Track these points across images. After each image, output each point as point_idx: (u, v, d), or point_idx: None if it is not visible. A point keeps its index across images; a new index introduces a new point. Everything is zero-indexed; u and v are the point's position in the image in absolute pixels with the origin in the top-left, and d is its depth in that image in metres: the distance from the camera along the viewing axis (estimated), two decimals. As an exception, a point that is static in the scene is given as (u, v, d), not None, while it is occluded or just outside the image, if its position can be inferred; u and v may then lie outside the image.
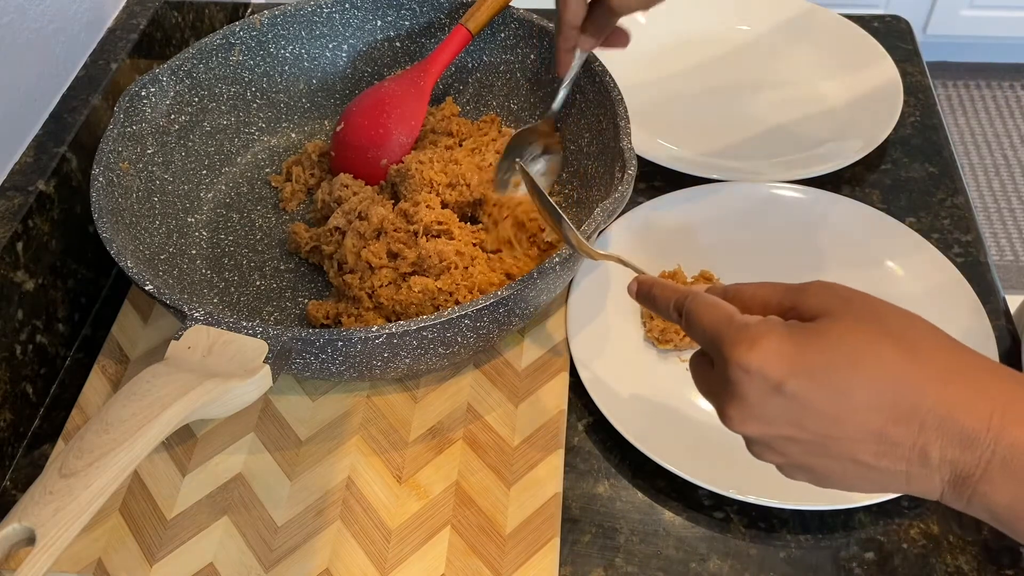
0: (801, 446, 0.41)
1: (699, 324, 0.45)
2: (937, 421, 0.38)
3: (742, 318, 0.43)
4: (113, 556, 0.59)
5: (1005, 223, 2.02)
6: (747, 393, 0.41)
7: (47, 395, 0.70)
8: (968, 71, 2.35)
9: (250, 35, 0.81)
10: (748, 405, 0.41)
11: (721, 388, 0.42)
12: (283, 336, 0.54)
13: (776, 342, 0.40)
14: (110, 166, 0.69)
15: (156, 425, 0.45)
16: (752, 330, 0.41)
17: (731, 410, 0.42)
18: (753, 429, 0.42)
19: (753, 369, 0.40)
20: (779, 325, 0.41)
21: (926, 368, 0.39)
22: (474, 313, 0.58)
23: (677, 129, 0.88)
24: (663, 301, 0.49)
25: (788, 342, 0.40)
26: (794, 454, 0.42)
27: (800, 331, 0.41)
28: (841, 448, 0.40)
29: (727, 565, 0.59)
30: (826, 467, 0.42)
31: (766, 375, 0.40)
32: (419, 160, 0.74)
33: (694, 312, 0.45)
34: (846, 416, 0.39)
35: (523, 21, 0.80)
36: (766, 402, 0.41)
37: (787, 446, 0.42)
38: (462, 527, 0.60)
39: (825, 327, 0.41)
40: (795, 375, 0.40)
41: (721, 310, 0.44)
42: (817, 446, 0.41)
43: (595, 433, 0.66)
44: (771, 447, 0.43)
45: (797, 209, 0.77)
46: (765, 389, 0.40)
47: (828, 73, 0.93)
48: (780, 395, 0.40)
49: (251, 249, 0.76)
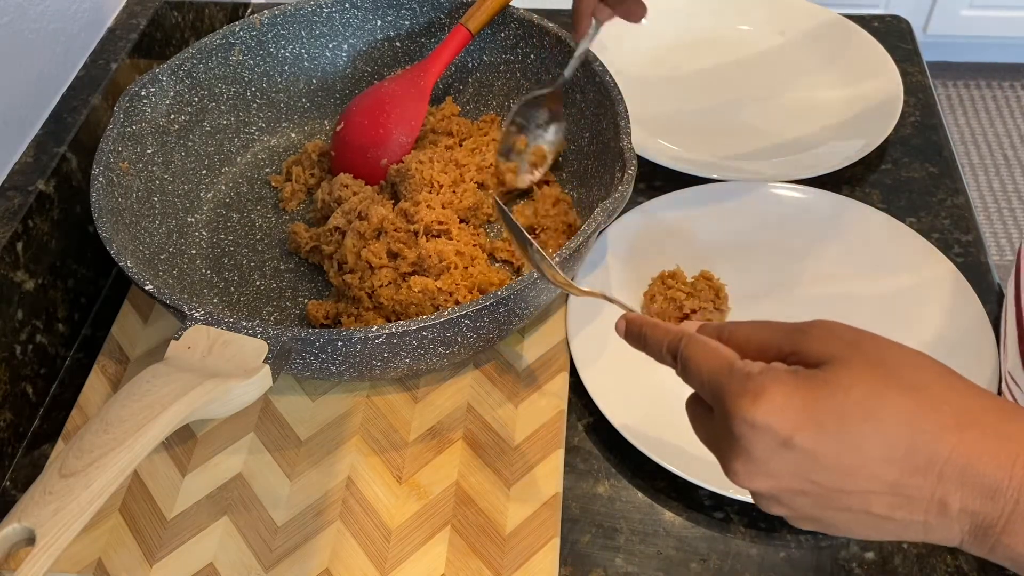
0: (811, 499, 0.40)
1: (697, 372, 0.42)
2: (956, 471, 0.37)
3: (743, 366, 0.40)
4: (113, 556, 0.59)
5: (1005, 223, 2.02)
6: (754, 448, 0.39)
7: (47, 395, 0.70)
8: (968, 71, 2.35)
9: (250, 35, 0.81)
10: (755, 460, 0.39)
11: (725, 442, 0.40)
12: (283, 336, 0.54)
13: (783, 394, 0.38)
14: (110, 166, 0.69)
15: (156, 425, 0.45)
16: (756, 381, 0.39)
17: (736, 465, 0.40)
18: (760, 484, 0.40)
19: (759, 424, 0.38)
20: (784, 374, 0.39)
21: (940, 415, 0.37)
22: (474, 313, 0.58)
23: (677, 129, 0.88)
24: (655, 343, 0.46)
25: (795, 393, 0.38)
26: (804, 507, 0.40)
27: (806, 380, 0.39)
28: (854, 500, 0.39)
29: (727, 565, 0.59)
30: (838, 518, 0.40)
31: (773, 430, 0.38)
32: (419, 160, 0.74)
33: (691, 358, 0.43)
34: (859, 469, 0.38)
35: (523, 21, 0.80)
36: (774, 457, 0.39)
37: (796, 499, 0.40)
38: (462, 527, 0.60)
39: (832, 375, 0.39)
40: (804, 429, 0.38)
41: (720, 357, 0.42)
42: (828, 499, 0.39)
43: (595, 433, 0.66)
44: (779, 501, 0.41)
45: (797, 209, 0.77)
46: (773, 444, 0.38)
47: (828, 73, 0.93)
48: (789, 449, 0.38)
49: (251, 249, 0.76)
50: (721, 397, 0.40)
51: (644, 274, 0.73)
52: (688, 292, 0.70)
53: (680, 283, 0.71)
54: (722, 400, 0.40)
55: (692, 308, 0.69)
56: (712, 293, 0.70)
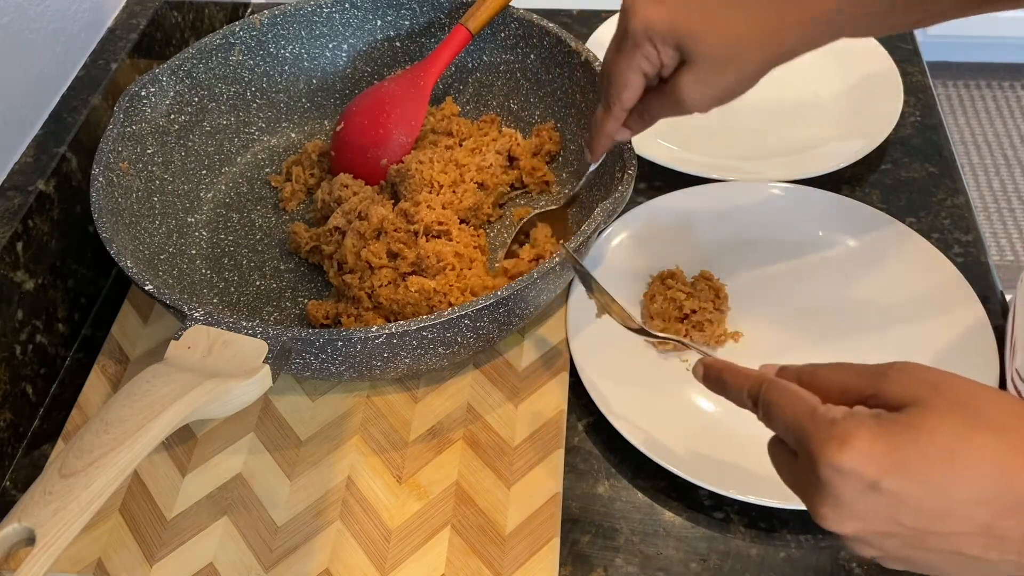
0: (901, 540, 0.40)
1: (780, 417, 0.43)
2: None
3: (827, 411, 0.41)
4: (113, 556, 0.59)
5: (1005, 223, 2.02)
6: (841, 493, 0.39)
7: (47, 395, 0.70)
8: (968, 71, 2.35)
9: (250, 35, 0.81)
10: (843, 505, 0.39)
11: (812, 487, 0.41)
12: (283, 336, 0.54)
13: (868, 439, 0.39)
14: (110, 166, 0.69)
15: (156, 425, 0.45)
16: (840, 426, 0.39)
17: (824, 510, 0.40)
18: (849, 528, 0.40)
19: (846, 469, 0.38)
20: (867, 418, 0.40)
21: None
22: (474, 313, 0.58)
23: (677, 129, 0.87)
24: (735, 388, 0.46)
25: (880, 438, 0.39)
26: (893, 548, 0.41)
27: (890, 424, 0.39)
28: (944, 543, 0.39)
29: (727, 565, 0.59)
30: (929, 559, 0.41)
31: (861, 475, 0.38)
32: (419, 160, 0.74)
33: (774, 404, 0.43)
34: (949, 512, 0.38)
35: (523, 21, 0.80)
36: (862, 501, 0.39)
37: (886, 541, 0.40)
38: (462, 527, 0.60)
39: (917, 419, 0.39)
40: (891, 473, 0.38)
41: (803, 402, 0.42)
42: (918, 540, 0.40)
43: (595, 433, 0.66)
44: (869, 543, 0.41)
45: (797, 209, 0.77)
46: (860, 488, 0.39)
47: (828, 73, 0.93)
48: (877, 493, 0.38)
49: (251, 249, 0.76)
50: (806, 443, 0.40)
51: (644, 274, 0.73)
52: (688, 292, 0.70)
53: (680, 283, 0.71)
54: (807, 446, 0.40)
55: (692, 308, 0.69)
56: (712, 293, 0.70)
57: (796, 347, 0.69)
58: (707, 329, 0.68)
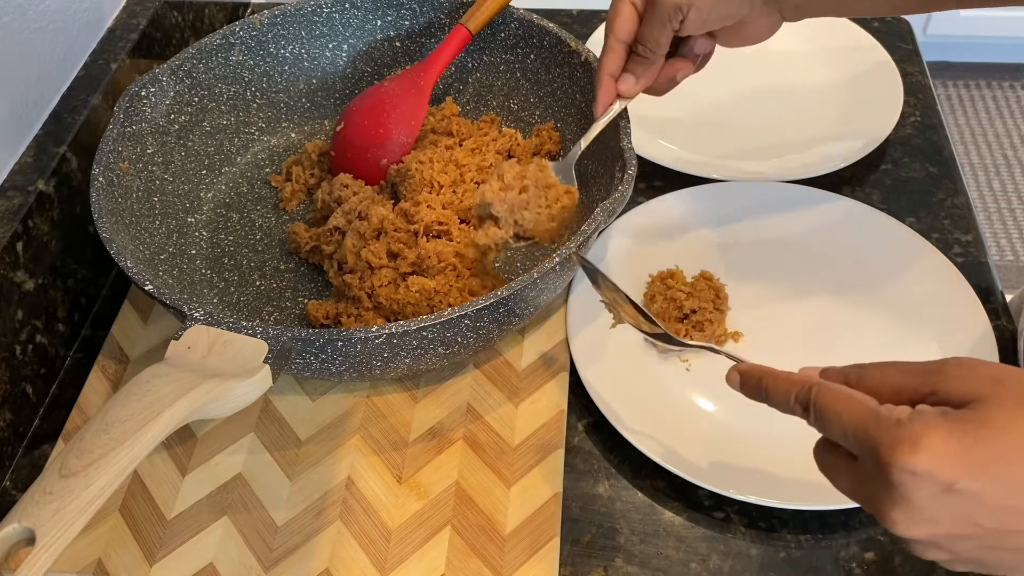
0: (975, 542, 0.39)
1: (837, 422, 0.41)
2: None
3: (890, 413, 0.40)
4: (113, 556, 0.59)
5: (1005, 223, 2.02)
6: (915, 497, 0.38)
7: (47, 395, 0.70)
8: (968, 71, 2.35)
9: (250, 35, 0.81)
10: (916, 508, 0.39)
11: (881, 491, 0.40)
12: (283, 336, 0.54)
13: (941, 439, 0.38)
14: (110, 166, 0.69)
15: (156, 425, 0.45)
16: (909, 428, 0.38)
17: (895, 515, 0.39)
18: (921, 532, 0.40)
19: (921, 471, 0.38)
20: (936, 418, 0.39)
21: None
22: (474, 313, 0.58)
23: (677, 129, 0.88)
24: (780, 394, 0.45)
25: (951, 437, 0.38)
26: (965, 551, 0.40)
27: (960, 423, 0.38)
28: (1019, 540, 0.39)
29: (727, 565, 0.59)
30: (1001, 560, 0.40)
31: (935, 476, 0.38)
32: (419, 160, 0.74)
33: (827, 408, 0.42)
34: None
35: (523, 21, 0.80)
36: (937, 504, 0.38)
37: (958, 544, 0.40)
38: (462, 527, 0.60)
39: (987, 415, 0.38)
40: (968, 474, 0.37)
41: (861, 404, 0.41)
42: (995, 540, 0.39)
43: (595, 433, 0.66)
44: (940, 546, 0.40)
45: (797, 209, 0.77)
46: (935, 491, 0.38)
47: (828, 73, 0.93)
48: (953, 495, 0.38)
49: (251, 249, 0.76)
50: (873, 447, 0.39)
51: (644, 274, 0.73)
52: (688, 292, 0.70)
53: (680, 283, 0.71)
54: (875, 450, 0.39)
55: (692, 308, 0.69)
56: (712, 293, 0.70)
57: (796, 347, 0.69)
58: (707, 329, 0.68)
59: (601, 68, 0.65)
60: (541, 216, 0.65)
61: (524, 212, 0.65)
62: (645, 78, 0.65)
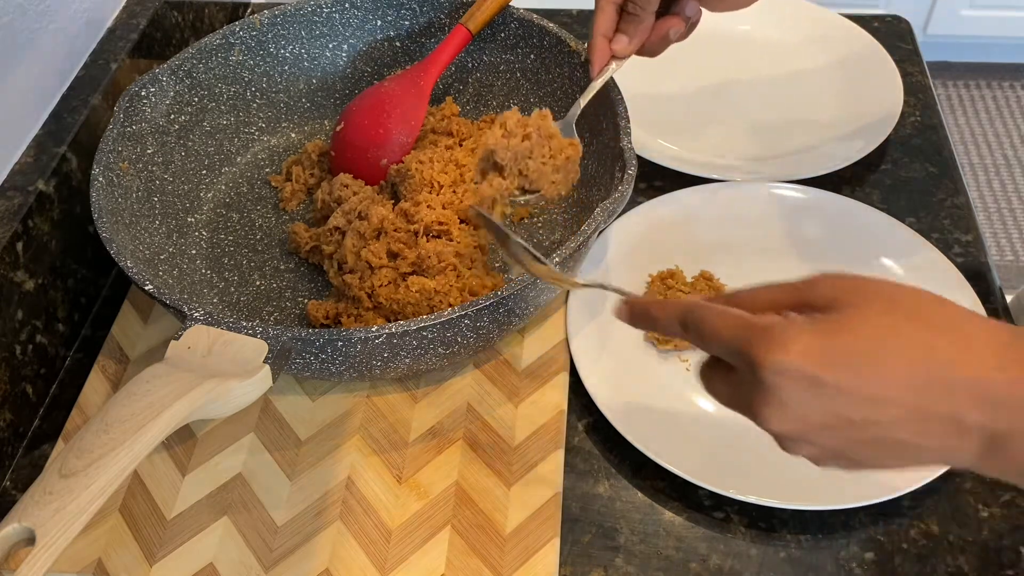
0: (840, 433, 0.42)
1: (715, 334, 0.44)
2: (969, 390, 0.39)
3: (761, 320, 0.42)
4: (113, 556, 0.59)
5: (1005, 223, 2.02)
6: (785, 393, 0.41)
7: (47, 395, 0.70)
8: (968, 71, 2.35)
9: (250, 35, 0.81)
10: (786, 404, 0.41)
11: (753, 393, 0.42)
12: (283, 336, 0.54)
13: (806, 338, 0.41)
14: (110, 166, 0.69)
15: (156, 425, 0.45)
16: (778, 330, 0.41)
17: (768, 412, 0.42)
18: (791, 427, 0.42)
19: (788, 368, 0.40)
20: (802, 321, 0.42)
21: (950, 341, 0.40)
22: (474, 313, 0.58)
23: (677, 129, 0.88)
24: (664, 319, 0.47)
25: (816, 336, 0.41)
26: (830, 443, 0.42)
27: (825, 323, 0.41)
28: (881, 431, 0.41)
29: (727, 565, 0.59)
30: (862, 451, 0.42)
31: (803, 372, 0.40)
32: (419, 160, 0.74)
33: (705, 322, 0.44)
34: (885, 398, 0.40)
35: (523, 21, 0.80)
36: (804, 397, 0.41)
37: (824, 437, 0.42)
38: (462, 527, 0.60)
39: (847, 317, 0.41)
40: (832, 367, 0.40)
41: (736, 316, 0.43)
42: (854, 432, 0.41)
43: (595, 433, 0.66)
44: (807, 440, 0.43)
45: (797, 209, 0.77)
46: (803, 386, 0.40)
47: (828, 73, 0.93)
48: (819, 388, 0.40)
49: (251, 249, 0.76)
50: (746, 351, 0.42)
51: (644, 274, 0.73)
52: (688, 292, 0.70)
53: (680, 283, 0.71)
54: (747, 353, 0.42)
55: (692, 308, 0.69)
56: (712, 293, 0.70)
57: (796, 347, 0.69)
58: (707, 329, 0.68)
59: (594, 29, 0.68)
60: (546, 167, 0.65)
61: (528, 161, 0.65)
62: (638, 37, 0.67)
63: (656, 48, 0.69)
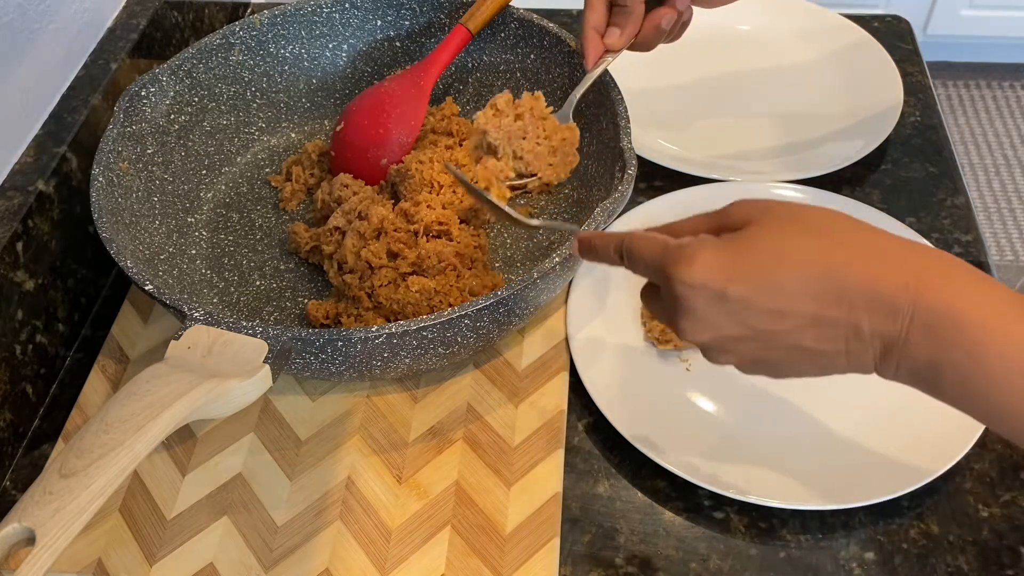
0: (751, 343, 0.45)
1: (641, 257, 0.48)
2: (863, 298, 0.43)
3: (677, 241, 0.46)
4: (113, 556, 0.59)
5: (1005, 223, 2.02)
6: (694, 305, 0.45)
7: (47, 395, 0.70)
8: (968, 71, 2.35)
9: (250, 35, 0.81)
10: (697, 316, 0.45)
11: (672, 307, 0.46)
12: (283, 336, 0.54)
13: (711, 254, 0.44)
14: (110, 166, 0.69)
15: (156, 425, 0.45)
16: (688, 249, 0.45)
17: (683, 323, 0.46)
18: (705, 336, 0.46)
19: (696, 282, 0.44)
20: (709, 240, 0.46)
21: (845, 251, 0.44)
22: (474, 313, 0.58)
23: (677, 129, 0.88)
24: (604, 249, 0.51)
25: (722, 252, 0.45)
26: (746, 352, 0.46)
27: (729, 240, 0.45)
28: (786, 339, 0.44)
29: (727, 565, 0.59)
30: (776, 358, 0.46)
31: (708, 285, 0.44)
32: (419, 160, 0.74)
33: (634, 249, 0.49)
34: (785, 308, 0.44)
35: (523, 21, 0.80)
36: (713, 309, 0.45)
37: (738, 345, 0.46)
38: (462, 527, 0.60)
39: (750, 232, 0.45)
40: (733, 280, 0.44)
41: (657, 240, 0.47)
42: (764, 340, 0.45)
43: (595, 433, 0.66)
44: (725, 349, 0.47)
45: (797, 209, 0.77)
46: (710, 298, 0.44)
47: (828, 73, 0.93)
48: (724, 300, 0.44)
49: (251, 249, 0.76)
50: (662, 268, 0.46)
51: (644, 274, 0.73)
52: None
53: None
54: (663, 271, 0.46)
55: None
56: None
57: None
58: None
59: (585, 23, 0.69)
60: (541, 148, 0.65)
61: (522, 142, 0.65)
62: (629, 29, 0.69)
63: (650, 41, 0.70)
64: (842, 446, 0.62)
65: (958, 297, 0.42)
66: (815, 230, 0.45)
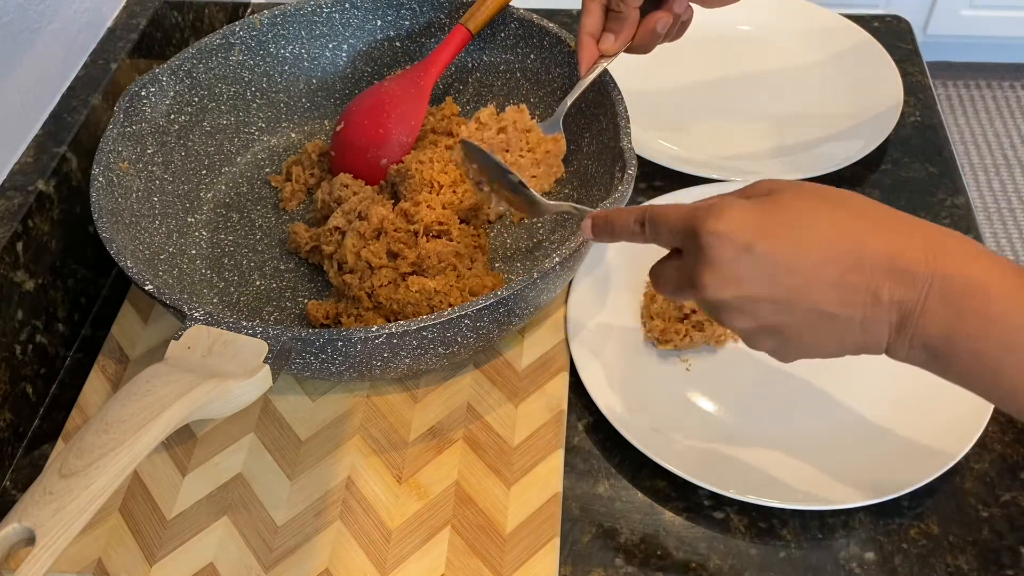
0: (769, 305, 0.46)
1: (666, 223, 0.49)
2: (883, 265, 0.44)
3: (704, 202, 0.48)
4: (113, 556, 0.59)
5: (1005, 223, 2.02)
6: (721, 255, 0.45)
7: (47, 395, 0.70)
8: (968, 71, 2.35)
9: (250, 35, 0.81)
10: (722, 268, 0.46)
11: (694, 262, 0.47)
12: (283, 336, 0.54)
13: (740, 210, 0.46)
14: (110, 166, 0.69)
15: (156, 425, 0.45)
16: (717, 205, 0.46)
17: (706, 277, 0.46)
18: (727, 292, 0.46)
19: (724, 233, 0.45)
20: (738, 199, 0.47)
21: (866, 221, 0.46)
22: (474, 313, 0.58)
23: (677, 129, 0.88)
24: (623, 224, 0.52)
25: (750, 211, 0.46)
26: (763, 314, 0.47)
27: (757, 202, 0.47)
28: (806, 299, 0.45)
29: (727, 565, 0.59)
30: (792, 323, 0.46)
31: (735, 238, 0.45)
32: (419, 160, 0.74)
33: (660, 215, 0.49)
34: (808, 269, 0.45)
35: (523, 21, 0.80)
36: (738, 263, 0.45)
37: (756, 307, 0.46)
38: (462, 527, 0.60)
39: (776, 198, 0.47)
40: (761, 236, 0.45)
41: (684, 207, 0.49)
42: (783, 302, 0.46)
43: (595, 433, 0.66)
44: (742, 310, 0.47)
45: (797, 209, 0.77)
46: (736, 250, 0.45)
47: (828, 73, 0.93)
48: (750, 255, 0.45)
49: (251, 249, 0.76)
50: (690, 225, 0.47)
51: (644, 274, 0.73)
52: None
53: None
54: (691, 227, 0.47)
55: (692, 308, 0.69)
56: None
57: (796, 347, 0.69)
58: (707, 329, 0.68)
59: (581, 29, 0.70)
60: (524, 161, 0.65)
61: (505, 155, 0.65)
62: (624, 34, 0.69)
63: (646, 44, 0.70)
64: (842, 446, 0.62)
65: (974, 268, 0.44)
66: (838, 203, 0.47)
